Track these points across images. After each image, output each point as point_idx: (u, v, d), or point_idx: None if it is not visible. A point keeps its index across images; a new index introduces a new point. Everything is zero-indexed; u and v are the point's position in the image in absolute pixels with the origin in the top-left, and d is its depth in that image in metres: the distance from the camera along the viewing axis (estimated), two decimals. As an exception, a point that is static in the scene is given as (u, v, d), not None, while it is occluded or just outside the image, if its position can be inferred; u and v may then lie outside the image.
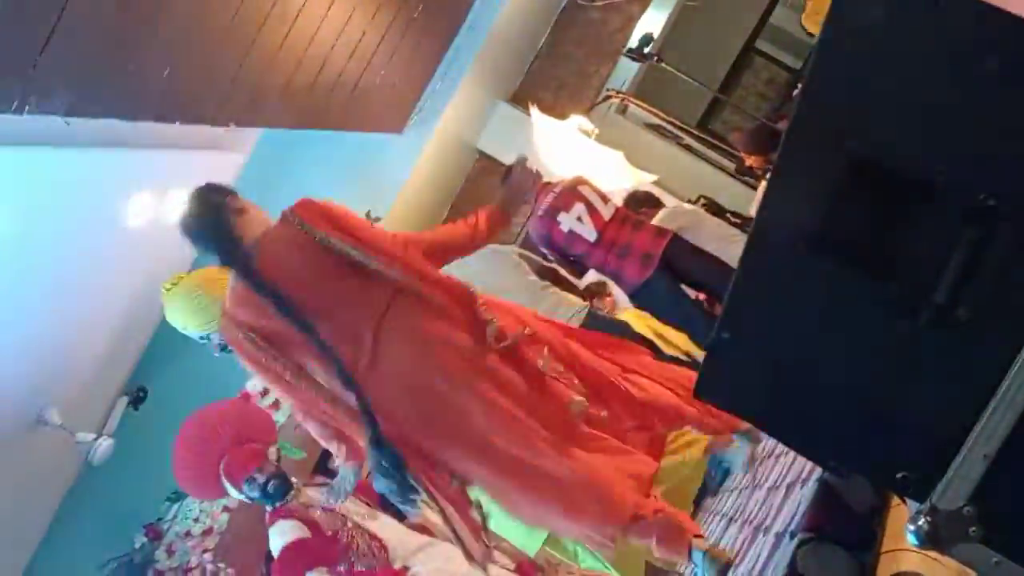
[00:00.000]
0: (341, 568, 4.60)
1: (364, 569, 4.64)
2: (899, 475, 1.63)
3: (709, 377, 1.80)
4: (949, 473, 1.52)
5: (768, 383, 1.76)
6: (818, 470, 2.55)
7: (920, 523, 1.53)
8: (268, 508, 4.83)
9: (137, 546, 7.14)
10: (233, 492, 4.90)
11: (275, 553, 4.70)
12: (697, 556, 3.07)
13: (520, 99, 9.30)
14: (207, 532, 7.13)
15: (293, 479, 4.92)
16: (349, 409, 3.23)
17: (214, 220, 3.30)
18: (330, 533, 4.71)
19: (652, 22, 9.94)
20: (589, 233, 5.80)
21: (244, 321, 3.28)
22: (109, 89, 4.31)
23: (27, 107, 3.88)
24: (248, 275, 3.19)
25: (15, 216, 5.23)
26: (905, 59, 1.54)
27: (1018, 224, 1.50)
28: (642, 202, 6.99)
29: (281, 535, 4.71)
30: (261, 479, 4.81)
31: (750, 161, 7.59)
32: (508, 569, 4.76)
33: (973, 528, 1.54)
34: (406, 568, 4.69)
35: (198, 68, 4.76)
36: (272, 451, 4.95)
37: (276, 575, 4.68)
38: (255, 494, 4.81)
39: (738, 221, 7.28)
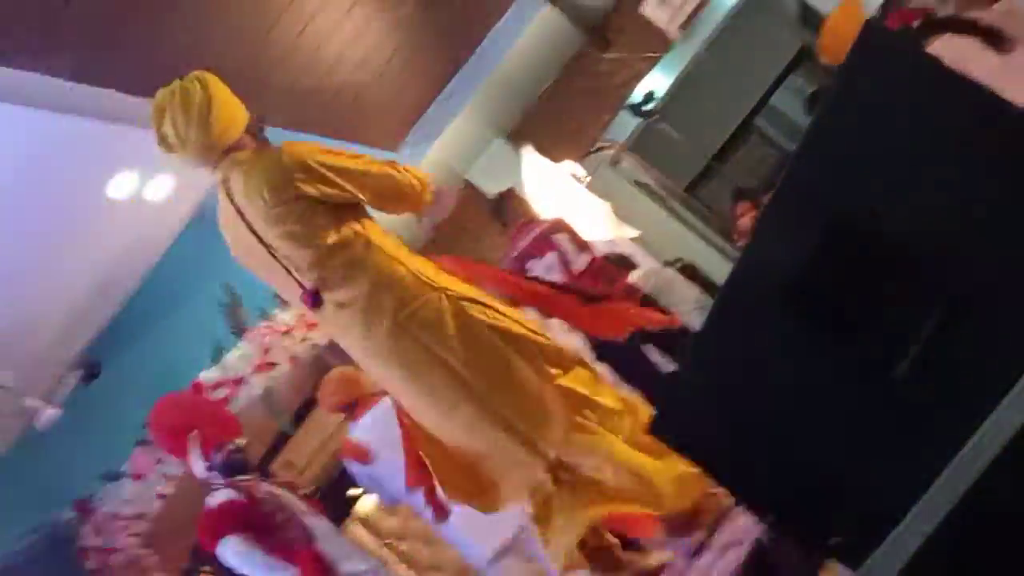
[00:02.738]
0: (271, 540, 4.68)
1: (296, 547, 4.72)
2: (835, 539, 1.65)
3: (664, 415, 1.82)
4: (884, 545, 1.55)
5: (721, 429, 1.78)
6: (753, 535, 2.57)
7: (849, 590, 1.55)
8: (218, 481, 4.93)
9: (65, 520, 7.05)
10: (195, 458, 4.96)
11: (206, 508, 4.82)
12: None
13: (517, 137, 9.35)
14: (138, 516, 7.05)
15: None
16: None
17: None
18: (267, 511, 4.78)
19: (657, 82, 10.04)
20: None
21: None
22: (118, 61, 4.33)
23: (37, 65, 3.91)
24: None
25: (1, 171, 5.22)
26: (905, 136, 1.58)
27: (990, 313, 1.53)
28: (616, 264, 7.04)
29: (216, 497, 4.80)
30: (231, 447, 5.02)
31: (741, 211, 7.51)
32: None
33: (899, 602, 1.55)
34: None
35: (208, 54, 4.78)
36: (241, 441, 5.13)
37: (200, 530, 4.77)
38: (218, 460, 4.96)
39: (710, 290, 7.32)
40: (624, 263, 7.22)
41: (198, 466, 4.99)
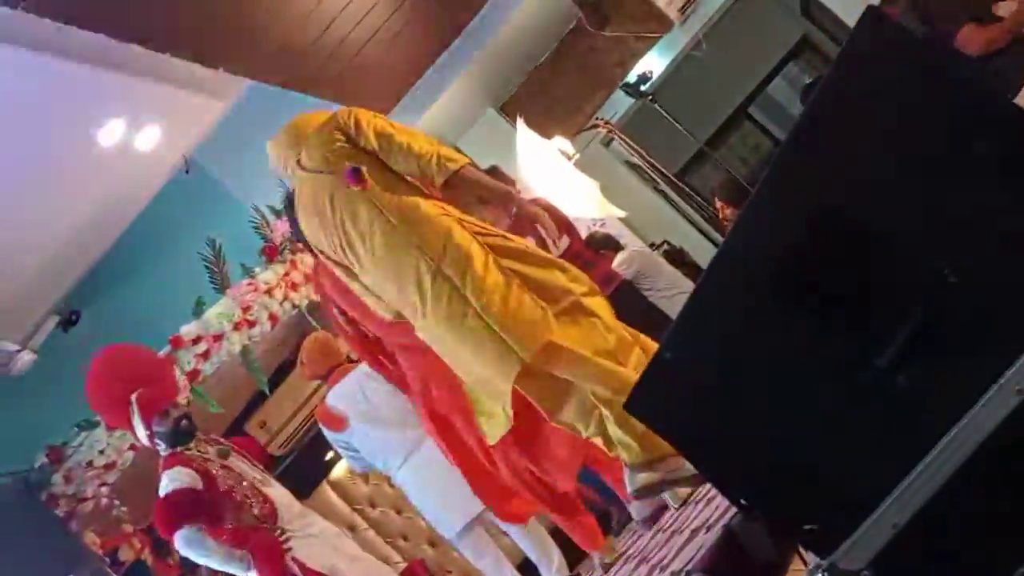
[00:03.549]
0: (228, 525, 4.63)
1: (250, 528, 4.68)
2: (807, 527, 1.64)
3: (642, 394, 1.81)
4: (855, 535, 1.54)
5: (698, 410, 1.76)
6: (723, 519, 2.57)
7: (816, 577, 1.55)
8: (164, 452, 4.84)
9: (36, 466, 7.02)
10: (138, 425, 4.87)
11: (162, 495, 4.71)
12: None
13: (509, 109, 9.31)
14: (109, 466, 7.01)
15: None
16: None
17: None
18: (224, 488, 4.72)
19: (654, 63, 10.00)
20: None
21: None
22: (111, 6, 4.28)
23: (23, 4, 3.86)
24: None
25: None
26: (901, 123, 1.56)
27: (974, 306, 1.53)
28: (601, 243, 7.01)
29: (172, 481, 4.69)
30: (176, 414, 4.90)
31: (724, 211, 7.55)
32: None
33: (866, 593, 1.55)
34: (283, 532, 4.75)
35: (202, 4, 4.73)
36: (183, 400, 5.02)
37: (156, 517, 4.70)
38: (163, 428, 4.84)
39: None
40: (610, 243, 7.20)
41: (141, 433, 4.90)
